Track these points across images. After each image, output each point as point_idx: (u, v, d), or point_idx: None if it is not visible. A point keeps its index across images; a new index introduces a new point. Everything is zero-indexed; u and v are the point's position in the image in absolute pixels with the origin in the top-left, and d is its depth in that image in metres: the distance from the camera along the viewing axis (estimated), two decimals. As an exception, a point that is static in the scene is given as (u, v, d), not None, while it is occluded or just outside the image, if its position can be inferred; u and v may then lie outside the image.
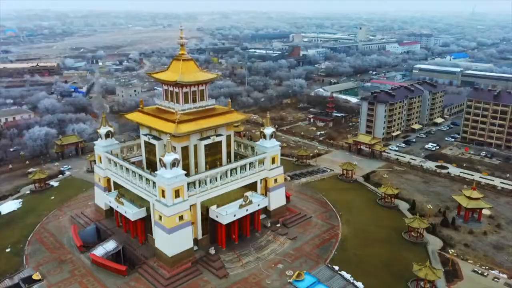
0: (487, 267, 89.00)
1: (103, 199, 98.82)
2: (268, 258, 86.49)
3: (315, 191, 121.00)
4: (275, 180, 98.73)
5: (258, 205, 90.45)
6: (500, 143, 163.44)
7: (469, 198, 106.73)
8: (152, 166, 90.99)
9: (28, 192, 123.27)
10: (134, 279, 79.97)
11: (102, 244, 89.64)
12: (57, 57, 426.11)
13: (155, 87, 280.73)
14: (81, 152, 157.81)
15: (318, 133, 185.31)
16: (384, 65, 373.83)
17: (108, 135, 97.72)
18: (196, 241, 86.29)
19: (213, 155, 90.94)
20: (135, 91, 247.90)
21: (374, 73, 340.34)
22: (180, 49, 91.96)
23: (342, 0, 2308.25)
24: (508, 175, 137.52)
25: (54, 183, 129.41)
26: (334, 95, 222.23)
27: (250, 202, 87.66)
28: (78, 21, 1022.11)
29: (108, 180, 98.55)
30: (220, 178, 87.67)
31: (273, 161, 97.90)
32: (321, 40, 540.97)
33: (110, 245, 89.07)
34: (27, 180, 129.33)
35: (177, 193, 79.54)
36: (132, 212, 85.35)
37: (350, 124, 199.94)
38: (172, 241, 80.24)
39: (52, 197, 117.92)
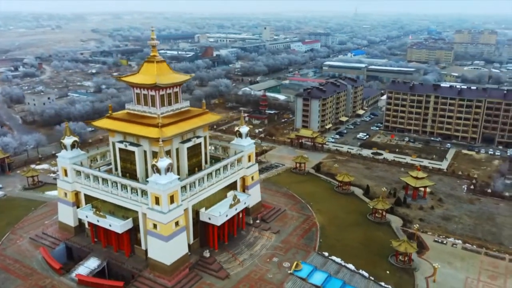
0: (444, 236, 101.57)
1: (73, 215, 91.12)
2: (261, 253, 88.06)
3: (278, 185, 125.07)
4: (252, 178, 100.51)
5: (245, 203, 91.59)
6: (417, 129, 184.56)
7: (416, 178, 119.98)
8: (129, 174, 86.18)
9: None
10: (133, 293, 75.94)
11: (82, 263, 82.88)
12: None
13: (69, 93, 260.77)
14: (8, 168, 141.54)
15: (257, 130, 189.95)
16: (294, 63, 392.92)
17: (73, 145, 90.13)
18: (188, 246, 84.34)
19: (194, 158, 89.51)
20: (48, 98, 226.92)
21: (290, 71, 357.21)
22: (152, 51, 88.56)
23: (236, 1, 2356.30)
24: (434, 156, 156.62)
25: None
26: (262, 93, 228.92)
27: (239, 201, 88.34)
28: None
29: (77, 194, 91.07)
30: (207, 180, 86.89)
31: (249, 159, 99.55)
32: (229, 41, 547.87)
33: (92, 263, 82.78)
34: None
35: (171, 199, 77.23)
36: (119, 225, 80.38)
37: (283, 120, 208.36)
38: (170, 248, 77.69)
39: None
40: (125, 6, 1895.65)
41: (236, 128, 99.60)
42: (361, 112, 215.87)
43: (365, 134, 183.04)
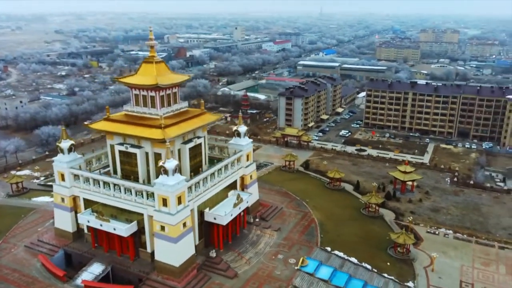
0: (435, 227, 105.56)
1: (71, 221, 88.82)
2: (265, 251, 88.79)
3: (270, 183, 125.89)
4: (251, 177, 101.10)
5: (247, 202, 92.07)
6: (396, 125, 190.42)
7: (404, 172, 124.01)
8: (130, 176, 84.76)
9: None
10: (143, 297, 74.92)
11: (86, 269, 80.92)
12: None
13: (41, 97, 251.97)
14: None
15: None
16: (268, 63, 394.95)
17: (71, 149, 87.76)
18: (194, 247, 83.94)
19: (195, 158, 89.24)
20: (21, 102, 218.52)
21: (257, 71, 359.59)
22: (150, 51, 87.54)
23: (201, 1, 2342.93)
24: (415, 151, 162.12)
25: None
26: (242, 93, 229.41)
27: (242, 200, 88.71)
28: None
29: (75, 199, 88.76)
30: (210, 180, 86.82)
31: (247, 158, 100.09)
32: (200, 41, 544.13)
33: (96, 268, 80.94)
34: None
35: (179, 200, 76.76)
36: (124, 228, 79.03)
37: (265, 119, 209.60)
38: (179, 250, 77.21)
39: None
40: (87, 6, 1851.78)
41: (234, 128, 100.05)
42: (340, 110, 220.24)
43: (347, 131, 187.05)
